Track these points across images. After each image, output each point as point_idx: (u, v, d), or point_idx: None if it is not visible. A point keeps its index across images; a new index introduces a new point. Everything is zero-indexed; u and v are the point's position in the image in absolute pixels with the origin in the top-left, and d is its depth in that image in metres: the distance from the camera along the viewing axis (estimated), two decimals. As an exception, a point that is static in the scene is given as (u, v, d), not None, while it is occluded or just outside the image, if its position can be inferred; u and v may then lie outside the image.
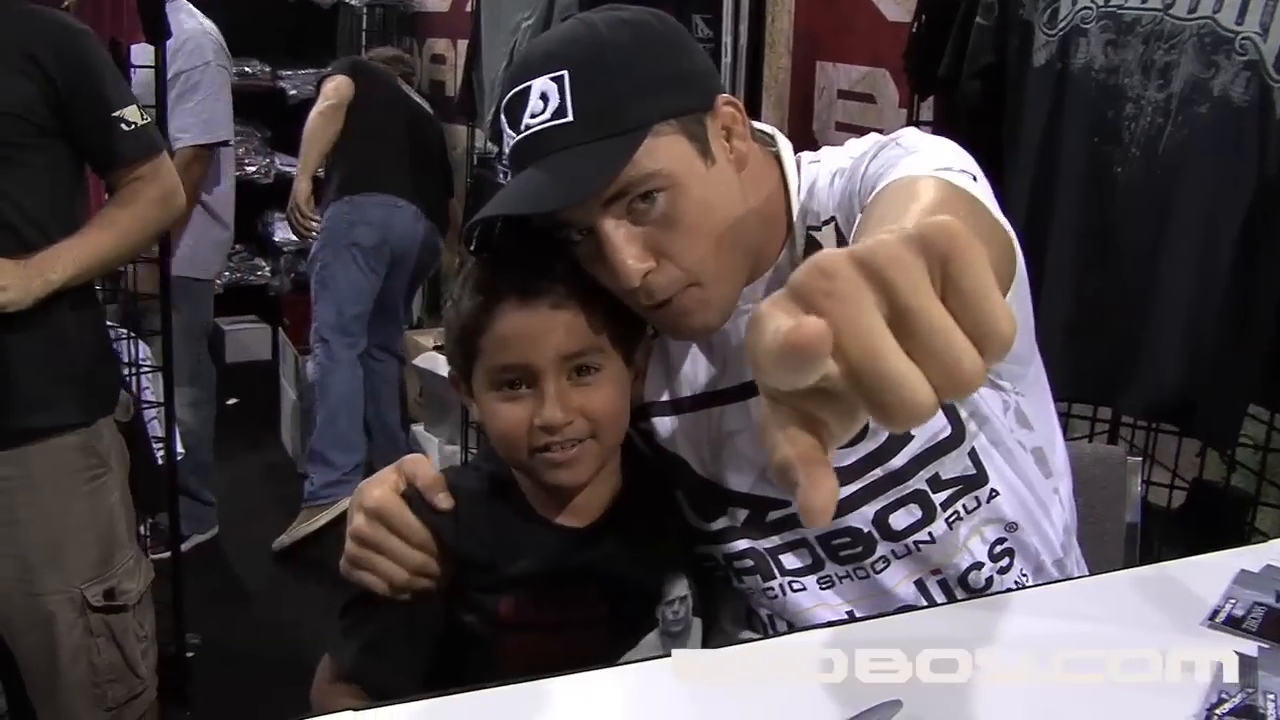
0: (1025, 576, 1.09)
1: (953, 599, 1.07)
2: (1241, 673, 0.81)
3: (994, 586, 1.07)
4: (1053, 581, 1.10)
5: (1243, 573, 0.98)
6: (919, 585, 1.07)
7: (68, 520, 1.76)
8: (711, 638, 1.12)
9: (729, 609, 1.16)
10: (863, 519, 1.04)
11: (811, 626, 1.08)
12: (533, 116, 0.94)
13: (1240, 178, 1.61)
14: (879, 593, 1.08)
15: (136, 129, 1.72)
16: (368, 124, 3.35)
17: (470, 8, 3.39)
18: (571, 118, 0.93)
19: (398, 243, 3.41)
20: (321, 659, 1.07)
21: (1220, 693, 0.79)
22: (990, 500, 1.05)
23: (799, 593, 1.09)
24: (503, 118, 0.98)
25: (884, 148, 0.96)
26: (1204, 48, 1.60)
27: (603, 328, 1.00)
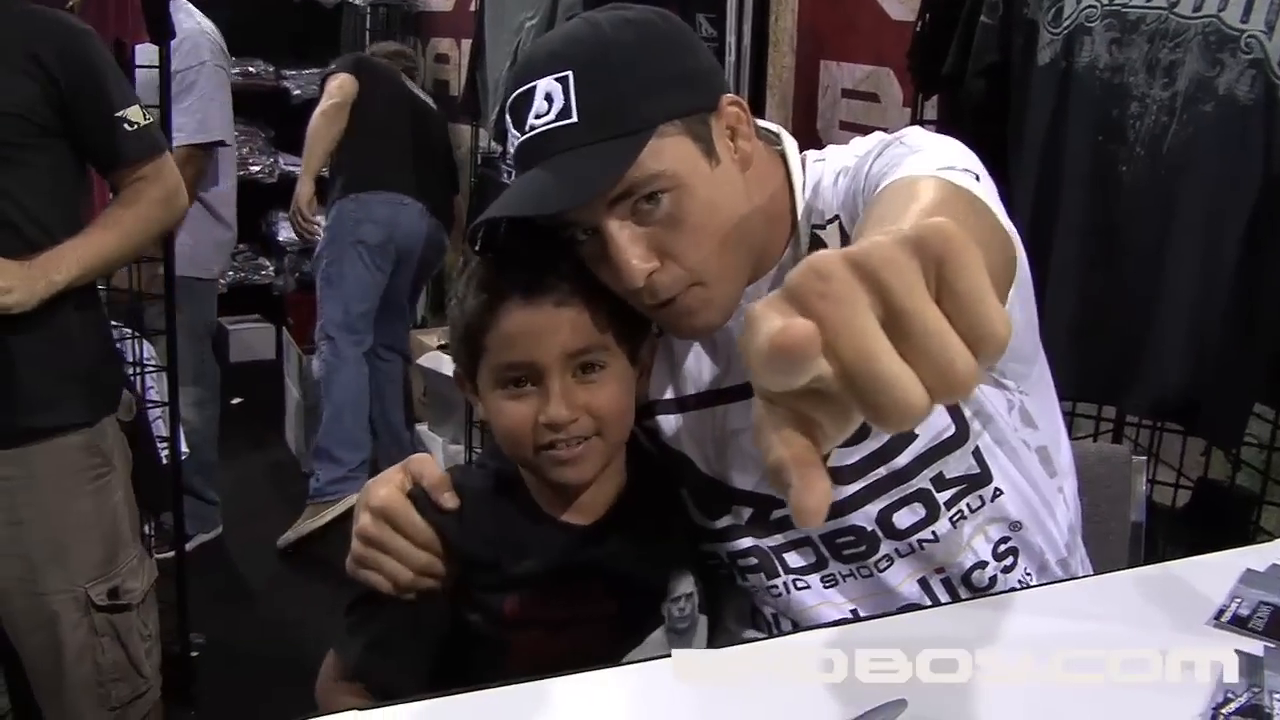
0: (1029, 576, 1.09)
1: (956, 598, 1.07)
2: (1247, 672, 0.81)
3: (998, 586, 1.07)
4: (1057, 581, 1.10)
5: (1248, 572, 0.97)
6: (923, 584, 1.07)
7: (72, 519, 1.76)
8: (716, 636, 1.12)
9: (733, 607, 1.16)
10: (866, 518, 1.04)
11: (815, 626, 1.07)
12: (537, 117, 0.94)
13: (1245, 176, 1.61)
14: (883, 591, 1.08)
15: (139, 129, 1.73)
16: (372, 122, 3.35)
17: (474, 7, 3.40)
18: (576, 118, 0.93)
19: (403, 240, 3.42)
20: (327, 656, 1.08)
21: (1226, 692, 0.79)
22: (994, 499, 1.05)
23: (803, 591, 1.09)
24: (507, 117, 0.98)
25: (888, 146, 0.96)
26: (1209, 46, 1.60)
27: (607, 325, 1.00)
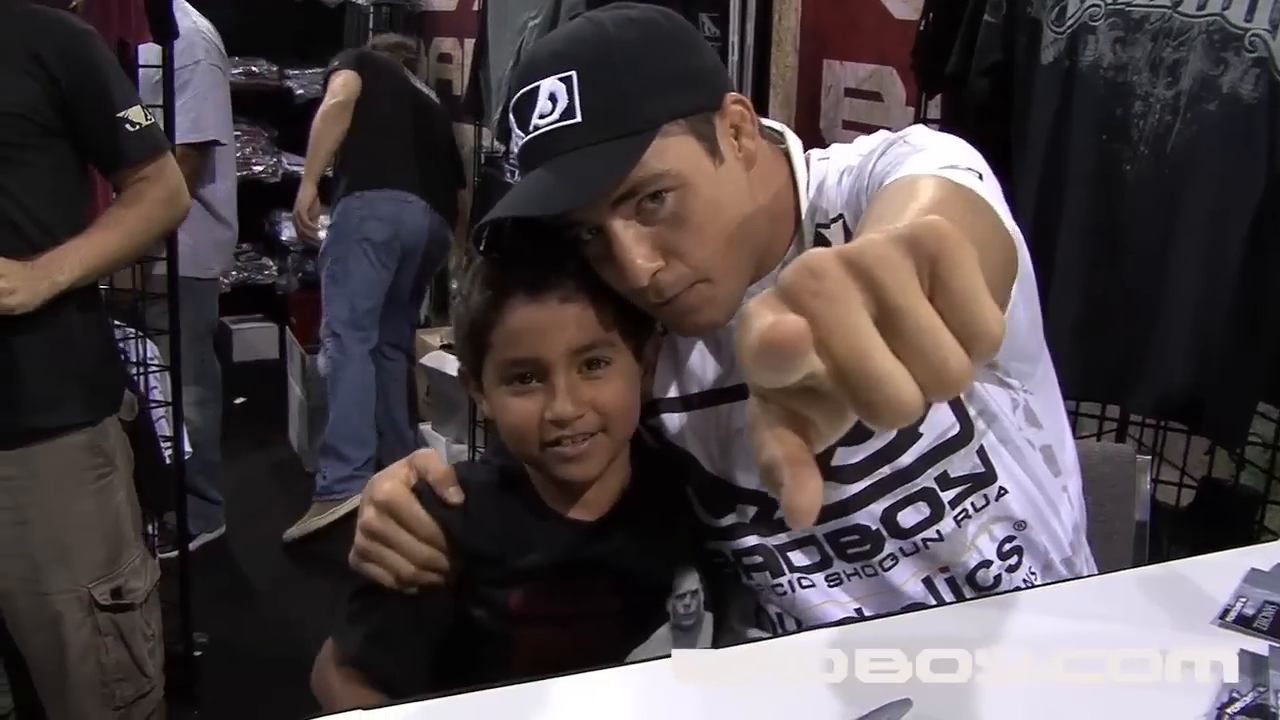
0: (1034, 575, 1.09)
1: (961, 597, 1.07)
2: (1252, 672, 0.81)
3: (1002, 585, 1.07)
4: (1061, 580, 1.09)
5: (1253, 571, 0.97)
6: (927, 583, 1.07)
7: (75, 519, 1.77)
8: (720, 636, 1.12)
9: (738, 606, 1.16)
10: (871, 516, 1.04)
11: (819, 625, 1.07)
12: (541, 117, 0.94)
13: (1249, 175, 1.60)
14: (887, 590, 1.07)
15: (141, 129, 1.73)
16: (376, 119, 3.35)
17: (477, 7, 3.39)
18: (580, 118, 0.93)
19: (408, 237, 3.43)
20: (325, 643, 1.07)
21: (1231, 692, 0.78)
22: (999, 498, 1.05)
23: (807, 589, 1.09)
24: (511, 117, 0.98)
25: (892, 145, 0.96)
26: (1213, 45, 1.60)
27: (613, 321, 1.00)
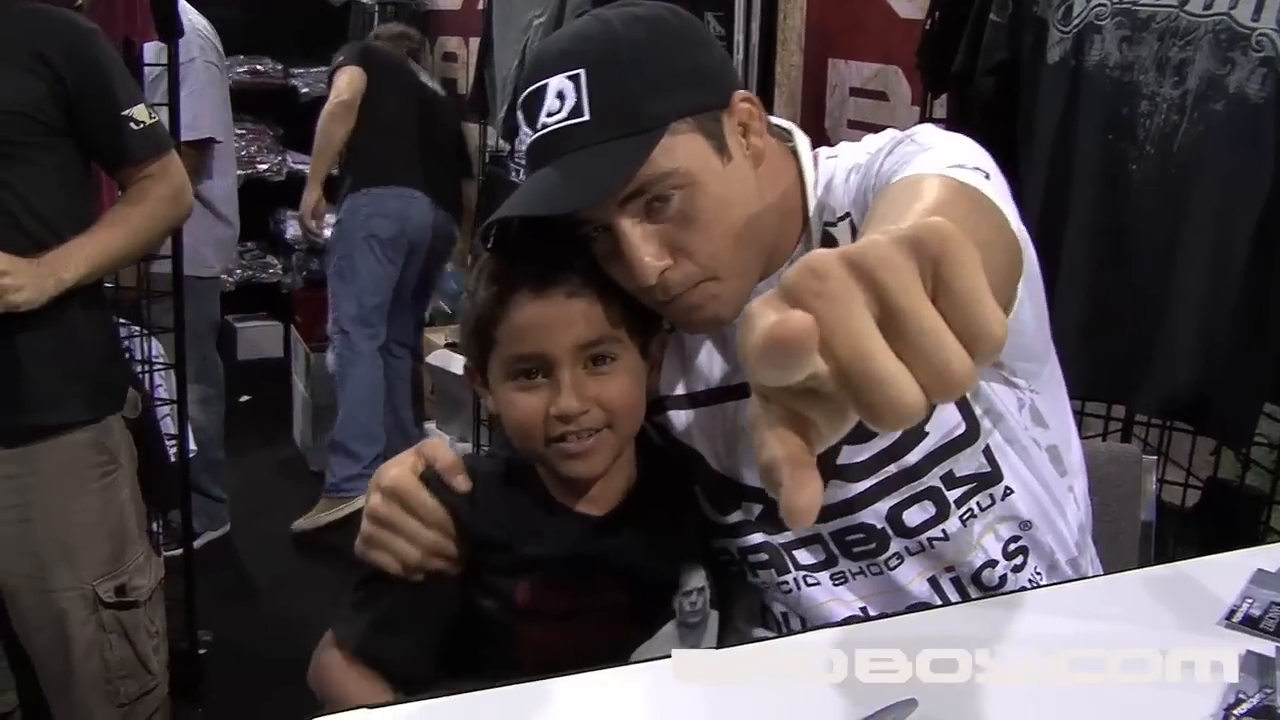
0: (1039, 575, 1.09)
1: (966, 597, 1.07)
2: (1258, 673, 0.81)
3: (1008, 585, 1.07)
4: (1067, 580, 1.09)
5: (1260, 572, 0.97)
6: (932, 582, 1.07)
7: (79, 517, 1.77)
8: (725, 636, 1.12)
9: (743, 606, 1.16)
10: (876, 515, 1.04)
11: (824, 625, 1.07)
12: (549, 115, 0.94)
13: (1256, 175, 1.60)
14: (892, 589, 1.07)
15: (145, 128, 1.73)
16: (381, 116, 3.35)
17: (482, 5, 3.39)
18: (588, 116, 0.93)
19: (414, 233, 3.44)
20: (326, 633, 1.06)
21: (1237, 693, 0.78)
22: (1005, 498, 1.05)
23: (813, 588, 1.09)
24: (519, 115, 0.98)
25: (899, 144, 0.96)
26: (1219, 44, 1.59)
27: (619, 318, 1.00)
